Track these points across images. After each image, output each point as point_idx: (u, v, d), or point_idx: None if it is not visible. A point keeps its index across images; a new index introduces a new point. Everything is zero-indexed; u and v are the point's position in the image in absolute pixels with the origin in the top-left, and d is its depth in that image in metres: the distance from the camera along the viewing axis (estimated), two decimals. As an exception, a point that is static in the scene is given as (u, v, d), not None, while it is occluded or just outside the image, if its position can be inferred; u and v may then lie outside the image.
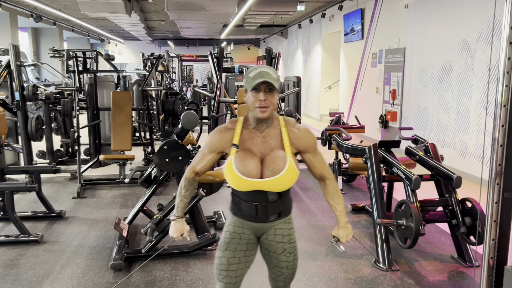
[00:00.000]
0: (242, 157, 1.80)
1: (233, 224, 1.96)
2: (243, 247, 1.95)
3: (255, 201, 1.86)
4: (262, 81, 1.73)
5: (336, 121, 6.08)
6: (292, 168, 1.79)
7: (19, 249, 3.72)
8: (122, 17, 10.64)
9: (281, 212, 1.92)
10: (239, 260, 1.96)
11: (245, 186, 1.82)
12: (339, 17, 11.11)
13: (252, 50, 25.09)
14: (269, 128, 1.85)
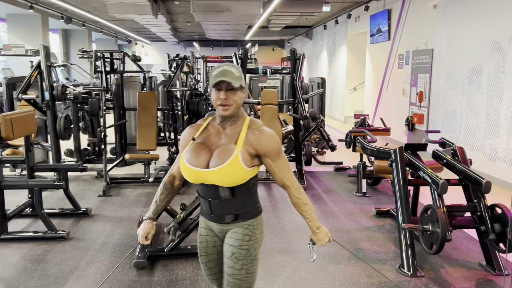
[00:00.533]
0: (193, 148, 1.82)
1: (200, 227, 1.97)
2: (213, 250, 1.94)
3: (208, 197, 1.84)
4: (220, 80, 1.75)
5: (361, 123, 6.00)
6: (236, 162, 1.73)
7: (46, 245, 3.81)
8: (148, 19, 10.81)
9: (238, 215, 1.84)
10: (216, 263, 1.95)
11: (192, 176, 1.81)
12: (365, 17, 10.97)
13: (276, 51, 25.08)
14: (232, 126, 1.84)
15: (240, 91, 1.79)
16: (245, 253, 1.83)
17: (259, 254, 1.90)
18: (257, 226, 1.88)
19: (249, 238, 1.85)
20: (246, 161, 1.77)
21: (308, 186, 5.78)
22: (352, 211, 4.83)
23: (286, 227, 4.30)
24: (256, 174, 1.85)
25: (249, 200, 1.86)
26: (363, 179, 5.37)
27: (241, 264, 1.82)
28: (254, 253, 1.86)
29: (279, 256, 3.64)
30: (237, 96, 1.78)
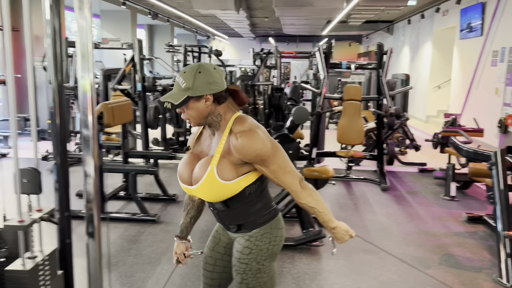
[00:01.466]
0: (185, 160, 1.74)
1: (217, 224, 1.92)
2: (220, 249, 1.88)
3: (210, 207, 1.78)
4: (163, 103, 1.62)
5: (451, 123, 5.67)
6: (211, 178, 1.60)
7: (139, 227, 4.06)
8: (230, 14, 11.05)
9: (241, 225, 1.73)
10: (215, 262, 1.89)
11: (185, 190, 1.77)
12: (455, 12, 10.32)
13: (353, 47, 24.48)
14: (218, 131, 1.68)
15: (193, 102, 1.60)
16: (243, 267, 1.72)
17: (268, 265, 1.74)
18: (261, 237, 1.72)
19: (249, 251, 1.72)
20: (228, 173, 1.61)
21: (391, 187, 5.59)
22: (440, 215, 4.59)
23: (369, 227, 4.20)
24: (253, 180, 1.66)
25: (249, 209, 1.70)
26: (452, 182, 5.08)
27: (241, 277, 1.74)
28: (257, 266, 1.72)
29: (363, 256, 3.56)
30: (191, 109, 1.62)
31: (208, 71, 1.60)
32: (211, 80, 1.59)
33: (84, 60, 1.92)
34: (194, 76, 1.59)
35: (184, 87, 1.59)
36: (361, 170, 6.45)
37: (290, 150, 3.57)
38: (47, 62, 2.25)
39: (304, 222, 3.79)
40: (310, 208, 1.68)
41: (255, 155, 1.59)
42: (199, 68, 1.61)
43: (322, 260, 3.46)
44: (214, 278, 1.92)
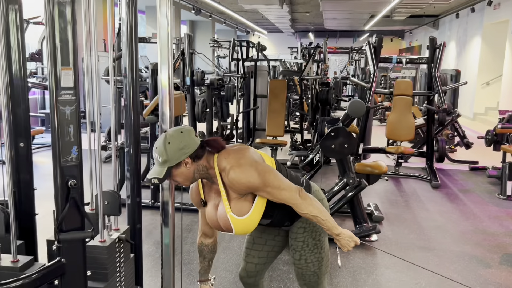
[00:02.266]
0: (210, 214, 1.83)
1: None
2: (273, 231, 2.02)
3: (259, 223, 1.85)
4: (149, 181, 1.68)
5: (507, 120, 5.45)
6: (236, 223, 1.72)
7: (192, 216, 4.15)
8: (273, 9, 11.06)
9: (288, 220, 1.91)
10: (266, 242, 2.03)
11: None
12: (508, 5, 9.89)
13: (394, 42, 23.93)
14: (213, 183, 1.79)
15: (175, 170, 1.67)
16: (301, 245, 1.91)
17: (323, 240, 1.94)
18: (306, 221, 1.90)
19: (303, 230, 1.91)
20: (244, 208, 1.72)
21: (442, 184, 5.45)
22: (497, 214, 4.44)
23: (423, 224, 4.12)
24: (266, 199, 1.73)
25: (287, 208, 1.76)
26: (508, 180, 4.90)
27: (299, 254, 1.93)
28: (313, 242, 1.91)
29: (419, 252, 3.50)
30: (176, 176, 1.70)
31: (176, 139, 1.65)
32: (181, 146, 1.65)
33: (163, 57, 1.99)
34: (165, 149, 1.64)
35: (162, 161, 1.65)
36: (409, 167, 6.32)
37: (346, 144, 3.55)
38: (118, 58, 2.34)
39: (357, 216, 3.77)
40: (313, 217, 1.73)
41: (246, 187, 1.68)
42: (166, 139, 1.66)
43: (377, 255, 3.43)
44: (261, 257, 2.07)
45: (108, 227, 2.07)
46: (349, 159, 3.75)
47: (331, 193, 3.70)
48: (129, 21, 2.24)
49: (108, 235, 2.05)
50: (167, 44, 1.98)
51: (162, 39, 1.98)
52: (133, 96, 2.33)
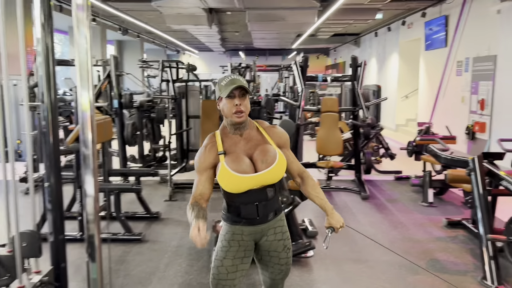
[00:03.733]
0: (232, 159, 1.87)
1: (231, 233, 1.97)
2: (241, 254, 1.98)
3: (255, 201, 1.91)
4: (236, 86, 1.82)
5: (425, 131, 5.86)
6: (282, 157, 1.92)
7: (124, 247, 3.97)
8: (202, 29, 11.09)
9: (276, 209, 2.00)
10: (237, 268, 1.98)
11: (243, 184, 1.86)
12: (419, 24, 10.74)
13: (321, 59, 24.98)
14: (247, 130, 1.94)
15: (248, 98, 1.90)
16: (289, 241, 2.06)
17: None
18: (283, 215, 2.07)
19: (286, 228, 2.06)
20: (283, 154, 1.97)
21: (371, 195, 5.70)
22: (421, 221, 4.72)
23: (355, 236, 4.26)
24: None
25: (278, 195, 2.04)
26: (429, 188, 5.24)
27: (290, 252, 2.06)
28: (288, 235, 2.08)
29: (353, 265, 3.61)
30: (247, 101, 1.89)
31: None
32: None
33: (83, 79, 1.90)
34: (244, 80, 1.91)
35: (245, 83, 1.87)
36: (340, 180, 6.56)
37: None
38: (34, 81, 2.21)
39: (293, 234, 3.80)
40: (318, 187, 2.01)
41: (286, 139, 2.03)
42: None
43: (313, 271, 3.49)
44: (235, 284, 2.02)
45: (27, 271, 1.91)
46: (283, 178, 3.80)
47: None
48: (45, 41, 2.12)
49: (27, 280, 1.89)
50: (86, 66, 1.89)
51: (81, 60, 1.88)
52: (52, 122, 2.19)
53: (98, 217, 2.07)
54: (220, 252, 1.98)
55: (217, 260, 1.98)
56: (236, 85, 1.82)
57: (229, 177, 1.86)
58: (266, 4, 8.06)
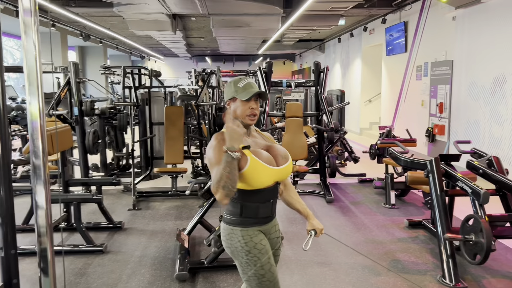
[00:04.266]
0: (257, 153, 1.89)
1: (250, 236, 1.91)
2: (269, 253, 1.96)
3: (270, 198, 1.95)
4: (258, 92, 1.89)
5: (386, 135, 6.01)
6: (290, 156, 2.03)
7: (85, 259, 3.85)
8: (166, 35, 11.00)
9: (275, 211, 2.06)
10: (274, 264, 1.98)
11: (272, 177, 1.89)
12: (380, 30, 11.05)
13: (287, 65, 25.25)
14: (251, 132, 2.02)
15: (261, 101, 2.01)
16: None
17: None
18: None
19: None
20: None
21: (335, 198, 5.79)
22: (383, 222, 4.82)
23: (319, 239, 4.28)
24: None
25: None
26: (391, 190, 5.37)
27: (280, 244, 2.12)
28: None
29: (317, 268, 3.64)
30: (258, 106, 1.97)
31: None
32: None
33: (31, 86, 1.83)
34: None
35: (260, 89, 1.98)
36: (305, 184, 6.62)
37: (240, 169, 3.59)
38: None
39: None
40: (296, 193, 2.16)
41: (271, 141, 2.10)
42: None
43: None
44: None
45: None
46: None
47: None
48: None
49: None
50: (35, 72, 1.81)
51: (29, 67, 1.81)
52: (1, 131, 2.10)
53: (51, 229, 2.00)
54: (259, 260, 1.88)
55: (261, 270, 1.88)
56: (257, 91, 1.90)
57: (262, 169, 1.85)
58: (230, 10, 8.08)
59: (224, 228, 1.99)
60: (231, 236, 1.94)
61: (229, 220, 1.96)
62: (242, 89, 1.91)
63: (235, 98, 1.93)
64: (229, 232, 1.95)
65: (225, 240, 1.97)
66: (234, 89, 1.94)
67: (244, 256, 1.90)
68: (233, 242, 1.93)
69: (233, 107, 1.95)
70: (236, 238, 1.92)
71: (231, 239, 1.94)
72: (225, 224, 1.98)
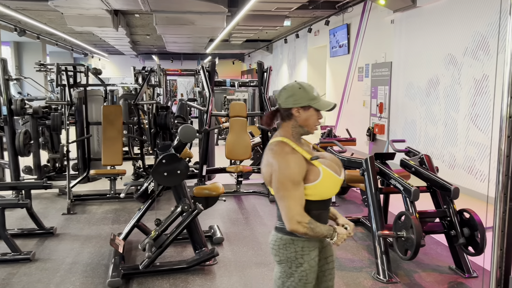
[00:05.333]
0: (326, 163, 1.83)
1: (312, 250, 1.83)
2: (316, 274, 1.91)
3: (329, 205, 1.92)
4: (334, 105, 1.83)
5: (327, 134, 6.12)
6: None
7: (10, 268, 3.59)
8: (108, 32, 10.60)
9: None
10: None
11: (338, 186, 1.87)
12: (325, 32, 11.29)
13: (236, 65, 25.24)
14: (301, 141, 1.93)
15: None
16: None
17: None
18: None
19: None
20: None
21: (278, 198, 5.80)
22: (324, 220, 4.88)
23: (260, 239, 4.29)
24: None
25: None
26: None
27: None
28: None
29: (256, 269, 3.61)
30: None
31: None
32: None
33: None
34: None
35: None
36: (250, 183, 6.61)
37: (178, 170, 3.50)
38: None
39: (196, 242, 3.73)
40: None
41: None
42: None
43: (216, 279, 3.43)
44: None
45: None
46: (184, 185, 3.71)
47: (168, 222, 3.58)
48: None
49: None
50: None
51: None
52: None
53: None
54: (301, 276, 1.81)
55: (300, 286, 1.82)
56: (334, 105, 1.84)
57: (333, 179, 1.81)
58: (174, 7, 7.91)
59: (281, 237, 1.83)
60: (288, 246, 1.81)
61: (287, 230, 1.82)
62: (318, 98, 1.81)
63: (309, 107, 1.80)
64: (288, 242, 1.81)
65: (278, 249, 1.83)
66: (309, 96, 1.79)
67: (294, 267, 1.81)
68: (288, 252, 1.81)
69: (304, 116, 1.80)
70: (294, 248, 1.81)
71: (286, 249, 1.82)
72: (282, 234, 1.83)
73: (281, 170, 1.72)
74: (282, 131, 1.86)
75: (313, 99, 1.79)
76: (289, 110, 1.81)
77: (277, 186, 1.74)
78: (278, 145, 1.80)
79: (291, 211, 1.72)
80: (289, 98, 1.81)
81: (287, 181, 1.72)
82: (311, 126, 1.83)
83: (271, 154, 1.78)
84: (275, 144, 1.81)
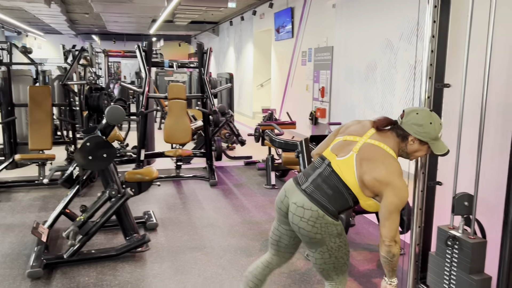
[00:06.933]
0: None
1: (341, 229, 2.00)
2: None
3: None
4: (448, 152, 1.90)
5: (268, 117, 6.11)
6: None
7: None
8: (40, 8, 9.92)
9: None
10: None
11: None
12: (270, 15, 11.22)
13: (183, 47, 24.66)
14: None
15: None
16: None
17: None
18: None
19: None
20: None
21: (219, 181, 5.74)
22: (262, 203, 4.89)
23: (197, 224, 4.21)
24: None
25: None
26: (271, 171, 5.47)
27: None
28: None
29: (189, 254, 3.54)
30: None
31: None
32: None
33: None
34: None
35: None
36: (192, 168, 6.49)
37: (104, 154, 3.31)
38: None
39: (126, 229, 3.58)
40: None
41: None
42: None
43: (146, 265, 3.32)
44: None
45: None
46: (112, 169, 3.53)
47: (94, 208, 3.40)
48: None
49: None
50: None
51: None
52: None
53: None
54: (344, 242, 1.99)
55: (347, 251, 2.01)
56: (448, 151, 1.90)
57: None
58: (109, -17, 7.50)
59: (327, 220, 1.91)
60: (330, 226, 1.92)
61: (334, 213, 1.93)
62: (438, 139, 1.88)
63: (426, 143, 1.89)
64: (332, 222, 1.92)
65: (321, 228, 1.91)
66: (433, 136, 1.87)
67: (337, 240, 1.95)
68: (330, 230, 1.92)
69: (416, 148, 1.91)
70: (335, 227, 1.93)
71: (328, 227, 1.92)
72: (328, 217, 1.91)
73: (402, 193, 1.82)
74: (391, 144, 1.91)
75: (435, 139, 1.86)
76: (407, 134, 1.88)
77: (393, 204, 1.81)
78: (397, 163, 1.87)
79: (394, 231, 1.84)
80: (415, 126, 1.87)
81: (401, 205, 1.83)
82: (414, 157, 1.96)
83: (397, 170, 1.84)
84: (395, 159, 1.88)
